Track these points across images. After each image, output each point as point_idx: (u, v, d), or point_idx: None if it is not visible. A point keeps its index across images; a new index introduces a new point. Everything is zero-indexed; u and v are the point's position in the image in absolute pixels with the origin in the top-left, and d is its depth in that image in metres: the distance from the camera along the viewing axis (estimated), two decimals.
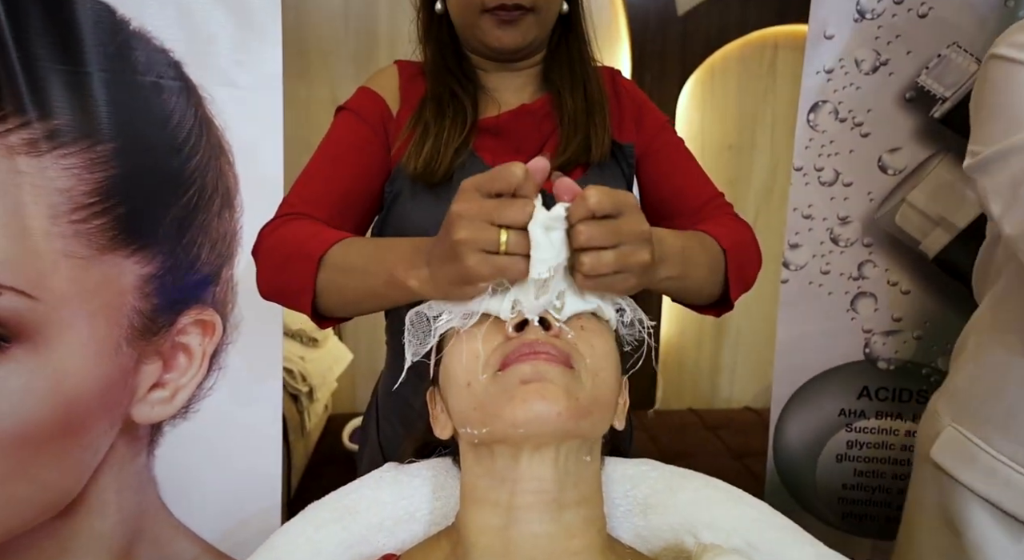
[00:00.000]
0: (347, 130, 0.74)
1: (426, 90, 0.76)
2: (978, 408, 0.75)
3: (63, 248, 0.81)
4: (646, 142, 0.80)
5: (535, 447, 0.50)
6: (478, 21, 0.70)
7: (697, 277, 0.65)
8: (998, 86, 0.64)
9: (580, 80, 0.76)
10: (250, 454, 0.93)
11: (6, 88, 0.77)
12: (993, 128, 0.64)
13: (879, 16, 1.08)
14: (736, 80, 2.39)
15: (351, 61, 2.23)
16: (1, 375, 0.81)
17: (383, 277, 0.57)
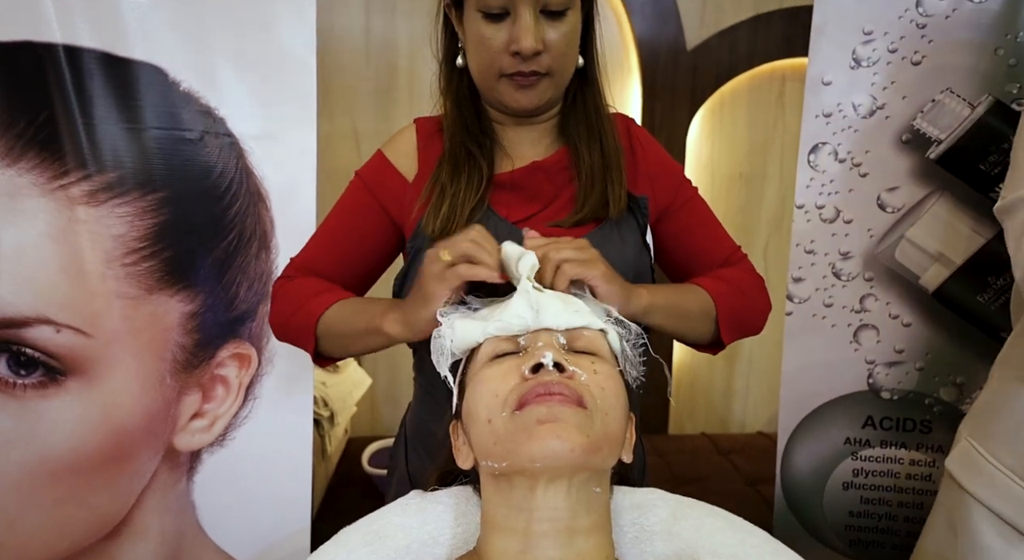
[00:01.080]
0: (355, 202, 0.82)
1: (443, 149, 0.80)
2: (989, 425, 0.79)
3: (116, 289, 0.88)
4: (666, 201, 0.83)
5: (550, 479, 0.55)
6: (496, 84, 0.75)
7: (684, 313, 0.76)
8: None
9: (597, 134, 0.80)
10: (281, 480, 0.98)
11: (69, 145, 0.85)
12: (1015, 175, 0.68)
13: (875, 64, 1.14)
14: (745, 111, 2.45)
15: (372, 95, 2.32)
16: (57, 407, 0.88)
17: (363, 325, 0.72)
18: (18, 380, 0.87)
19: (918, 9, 1.11)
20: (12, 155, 0.85)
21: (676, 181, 0.85)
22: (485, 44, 0.72)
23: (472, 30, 0.73)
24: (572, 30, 0.74)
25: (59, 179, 0.86)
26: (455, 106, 0.81)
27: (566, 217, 0.78)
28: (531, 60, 0.71)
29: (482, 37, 0.72)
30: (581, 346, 0.62)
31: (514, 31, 0.70)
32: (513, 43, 0.70)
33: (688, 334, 0.79)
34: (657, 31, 2.32)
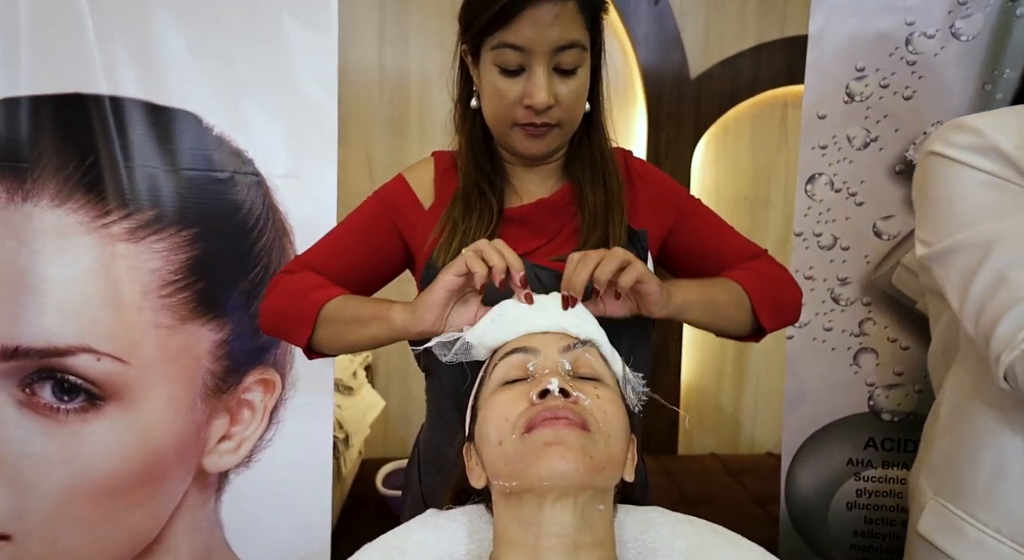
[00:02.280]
0: (370, 216, 0.86)
1: (457, 184, 0.85)
2: (958, 480, 0.75)
3: (152, 319, 0.95)
4: (672, 218, 0.87)
5: (557, 497, 0.60)
6: (509, 132, 0.79)
7: (719, 306, 0.78)
8: (940, 183, 0.70)
9: (600, 174, 0.84)
10: (302, 499, 1.03)
11: (112, 187, 0.92)
12: (941, 224, 0.69)
13: (867, 99, 1.19)
14: (749, 137, 2.52)
15: (385, 125, 2.40)
16: (96, 430, 0.94)
17: (370, 313, 0.75)
18: (61, 405, 0.93)
19: (908, 47, 1.17)
20: (61, 197, 0.91)
21: (678, 197, 0.89)
22: (500, 96, 0.77)
23: (488, 81, 0.78)
24: (581, 85, 0.78)
25: (102, 218, 0.93)
26: (469, 146, 0.85)
27: (569, 251, 0.83)
28: (543, 113, 0.76)
29: (498, 89, 0.76)
30: (585, 372, 0.67)
31: (528, 86, 0.75)
32: (527, 97, 0.75)
33: (725, 326, 0.80)
34: (662, 60, 2.40)
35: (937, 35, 1.15)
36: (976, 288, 0.64)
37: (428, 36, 2.32)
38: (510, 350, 0.68)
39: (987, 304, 0.64)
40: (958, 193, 0.68)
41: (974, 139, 0.67)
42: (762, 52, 2.42)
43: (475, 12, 0.76)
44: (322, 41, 0.97)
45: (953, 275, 0.67)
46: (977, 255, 0.65)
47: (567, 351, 0.67)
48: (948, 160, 0.68)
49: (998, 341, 0.62)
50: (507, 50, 0.74)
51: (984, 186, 0.66)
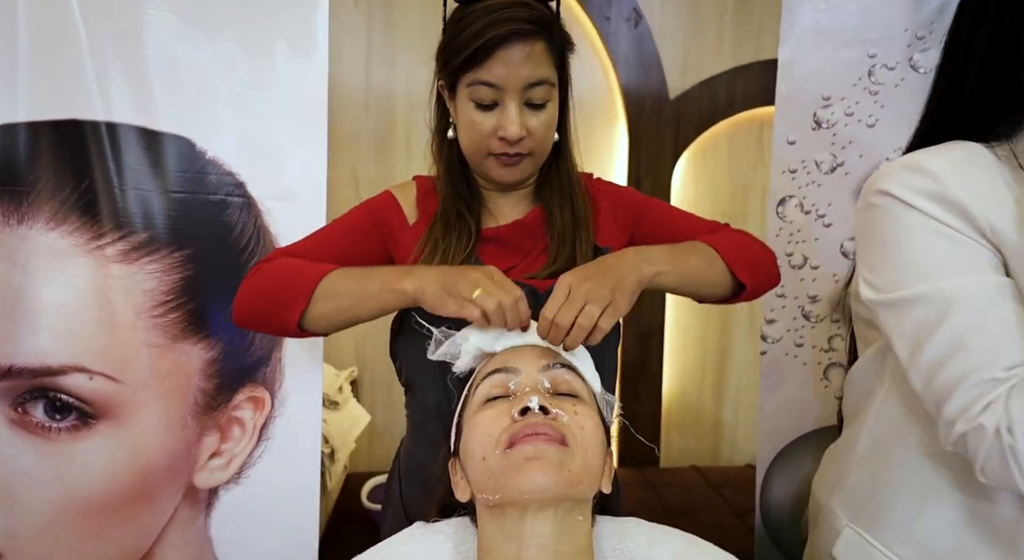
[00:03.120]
0: (358, 222, 0.90)
1: (437, 207, 0.90)
2: (877, 513, 0.75)
3: (145, 338, 0.97)
4: (633, 218, 0.93)
5: (538, 509, 0.63)
6: (484, 161, 0.85)
7: (694, 267, 0.81)
8: (892, 226, 0.66)
9: (568, 198, 0.90)
10: (291, 515, 1.05)
11: (106, 210, 0.95)
12: (893, 271, 0.66)
13: (833, 125, 1.25)
14: (727, 155, 2.59)
15: (371, 144, 2.44)
16: (88, 448, 0.96)
17: (377, 285, 0.77)
18: (53, 424, 0.95)
19: (870, 78, 1.23)
20: (56, 219, 0.94)
21: (633, 199, 0.95)
22: (476, 128, 0.82)
23: (464, 114, 0.83)
24: (550, 118, 0.84)
25: (97, 240, 0.95)
26: (447, 172, 0.91)
27: (540, 269, 0.88)
28: (515, 144, 0.82)
29: (473, 122, 0.82)
30: (564, 389, 0.71)
31: (502, 120, 0.81)
32: (500, 130, 0.81)
33: (703, 289, 0.84)
34: (642, 81, 2.46)
35: (897, 67, 1.21)
36: (931, 348, 0.62)
37: (414, 57, 2.37)
38: (492, 370, 0.71)
39: (941, 369, 0.61)
40: (909, 240, 0.65)
41: (931, 185, 0.63)
42: (738, 74, 2.50)
43: (452, 52, 0.82)
44: (313, 68, 1.01)
45: (905, 328, 0.65)
46: (934, 314, 0.62)
47: (547, 370, 0.71)
48: (903, 204, 0.64)
49: (952, 411, 0.61)
50: (482, 87, 0.80)
51: (940, 237, 0.63)
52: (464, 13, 0.82)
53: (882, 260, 0.67)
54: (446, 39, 0.84)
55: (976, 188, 0.62)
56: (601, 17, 2.36)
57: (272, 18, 0.99)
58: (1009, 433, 0.57)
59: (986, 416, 0.58)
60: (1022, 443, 0.56)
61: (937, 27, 1.19)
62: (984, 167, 0.64)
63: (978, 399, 0.59)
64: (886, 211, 0.66)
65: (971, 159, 0.64)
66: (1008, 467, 0.58)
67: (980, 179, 0.63)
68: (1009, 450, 0.57)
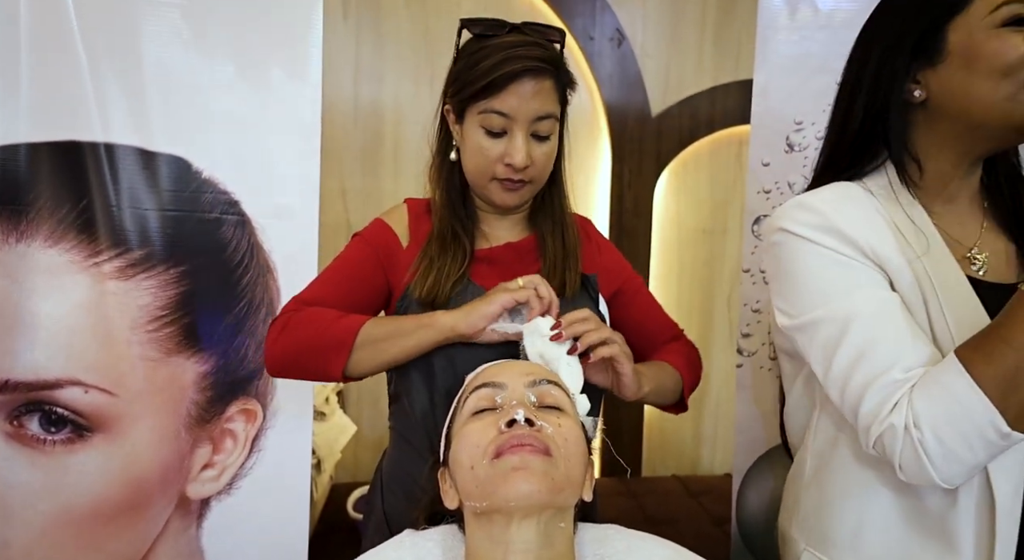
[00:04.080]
0: (357, 256, 0.93)
1: (433, 226, 0.94)
2: (827, 532, 0.79)
3: (140, 352, 0.99)
4: (617, 288, 1.01)
5: (522, 516, 0.67)
6: (488, 184, 0.89)
7: (665, 390, 0.95)
8: (790, 258, 0.74)
9: (560, 227, 0.96)
10: (281, 524, 1.08)
11: (104, 228, 0.98)
12: (798, 297, 0.73)
13: (805, 149, 1.32)
14: (707, 171, 2.65)
15: (359, 156, 2.47)
16: (83, 460, 0.98)
17: (412, 324, 0.85)
18: (48, 437, 0.97)
19: None
20: (54, 237, 0.97)
21: (625, 272, 1.02)
22: (483, 154, 0.87)
23: (472, 139, 0.88)
24: (552, 149, 0.90)
25: (94, 257, 0.98)
26: (446, 193, 0.94)
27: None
28: (519, 171, 0.87)
29: (481, 147, 0.87)
30: (549, 403, 0.75)
31: (509, 148, 0.86)
32: (507, 157, 0.86)
33: (664, 402, 0.98)
34: (625, 99, 2.53)
35: None
36: (839, 362, 0.69)
37: (402, 72, 2.41)
38: (480, 384, 0.75)
39: (850, 379, 0.68)
40: (809, 269, 0.73)
41: (817, 219, 0.72)
42: (718, 93, 2.57)
43: (466, 81, 0.86)
44: (306, 91, 1.05)
45: (815, 348, 0.71)
46: (836, 330, 0.69)
47: (533, 385, 0.75)
48: (797, 237, 0.73)
49: (866, 415, 0.67)
50: (493, 115, 0.85)
51: (831, 263, 0.71)
52: (479, 46, 0.87)
53: (788, 288, 0.75)
54: (460, 68, 0.88)
55: (854, 218, 0.72)
56: (586, 37, 2.42)
57: (267, 43, 1.03)
58: (916, 428, 0.63)
59: (895, 416, 0.64)
60: (928, 435, 0.62)
61: None
62: (857, 200, 0.73)
63: (885, 401, 0.65)
64: (785, 246, 0.75)
65: (846, 195, 0.74)
66: (921, 461, 0.63)
67: (856, 210, 0.73)
68: (919, 444, 0.63)
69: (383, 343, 0.85)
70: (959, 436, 0.62)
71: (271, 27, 1.02)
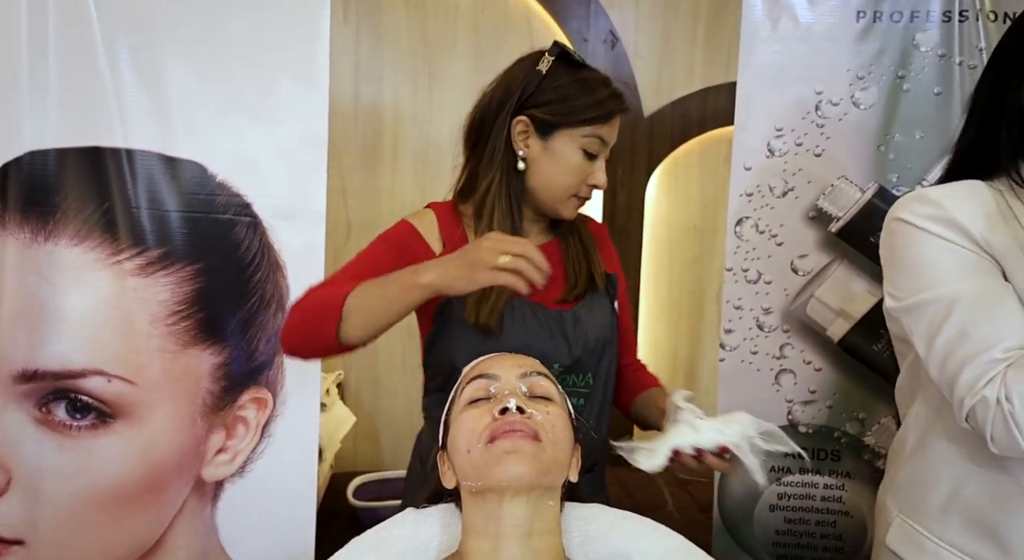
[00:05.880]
0: (379, 254, 0.96)
1: (459, 229, 0.98)
2: (919, 502, 0.84)
3: (159, 345, 1.06)
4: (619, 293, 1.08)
5: (514, 495, 0.74)
6: (568, 199, 0.97)
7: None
8: (906, 246, 0.78)
9: (574, 229, 1.04)
10: (290, 505, 1.15)
11: (125, 228, 1.04)
12: (909, 282, 0.78)
13: (785, 154, 1.39)
14: (697, 171, 2.72)
15: (359, 154, 2.53)
16: (105, 445, 1.05)
17: (396, 288, 0.83)
18: (74, 423, 1.03)
19: (817, 112, 1.37)
20: (80, 236, 1.03)
21: (623, 284, 1.10)
22: (579, 172, 0.95)
23: (567, 158, 0.94)
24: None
25: (116, 255, 1.05)
26: (508, 199, 0.97)
27: (563, 293, 0.99)
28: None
29: (579, 167, 0.94)
30: (539, 393, 0.82)
31: (598, 170, 0.97)
32: (593, 178, 0.97)
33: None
34: None
35: (841, 103, 1.35)
36: (941, 341, 0.73)
37: (401, 73, 2.47)
38: (475, 376, 0.82)
39: (951, 355, 0.72)
40: (922, 256, 0.77)
41: (935, 210, 0.76)
42: (709, 94, 2.64)
43: (579, 105, 0.93)
44: (314, 101, 1.11)
45: (920, 327, 0.76)
46: (942, 312, 0.73)
47: (524, 377, 0.82)
48: (913, 227, 0.77)
49: (961, 388, 0.70)
50: (597, 141, 0.95)
51: (944, 251, 0.75)
52: (581, 76, 0.95)
53: (899, 273, 0.80)
54: (567, 92, 0.93)
55: (969, 211, 0.75)
56: (579, 39, 2.48)
57: (278, 55, 1.09)
58: (1008, 401, 0.67)
59: (988, 389, 0.68)
60: (1019, 408, 0.66)
61: (875, 68, 1.33)
62: (977, 196, 0.77)
63: (982, 376, 0.69)
64: (900, 234, 0.80)
65: (966, 190, 0.78)
66: (1011, 432, 0.67)
67: (974, 205, 0.76)
68: (1009, 416, 0.67)
69: (372, 308, 0.84)
70: None
71: (282, 43, 1.09)
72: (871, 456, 1.40)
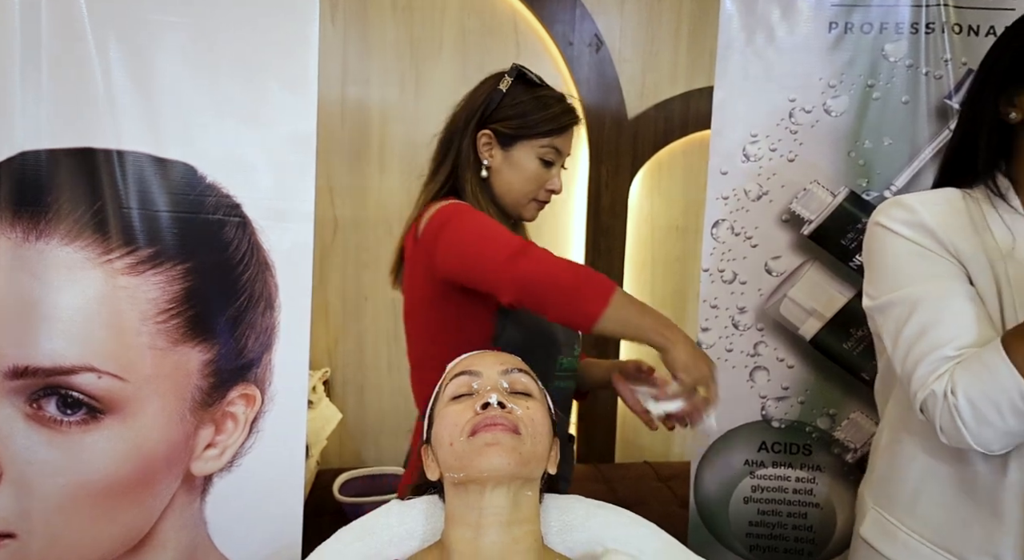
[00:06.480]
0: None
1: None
2: (891, 494, 0.89)
3: (149, 342, 1.08)
4: None
5: (494, 485, 0.78)
6: (527, 203, 1.11)
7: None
8: (880, 248, 0.84)
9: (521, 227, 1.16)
10: (278, 499, 1.17)
11: (116, 228, 1.06)
12: (881, 282, 0.84)
13: (759, 159, 1.43)
14: (680, 172, 2.77)
15: (346, 155, 2.56)
16: (96, 440, 1.06)
17: (650, 322, 0.93)
18: (64, 418, 1.05)
19: (791, 119, 1.42)
20: (71, 236, 1.05)
21: None
22: (537, 179, 1.10)
23: (526, 166, 1.09)
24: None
25: (107, 255, 1.06)
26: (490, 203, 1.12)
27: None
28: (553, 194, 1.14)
29: (537, 174, 1.10)
30: (519, 389, 0.86)
31: (555, 176, 1.12)
32: (550, 183, 1.12)
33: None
34: (602, 102, 2.63)
35: (813, 111, 1.40)
36: (903, 338, 0.78)
37: (388, 76, 2.50)
38: (459, 372, 0.86)
39: (910, 351, 0.77)
40: (893, 258, 0.83)
41: (909, 215, 0.81)
42: (691, 97, 2.69)
43: (537, 119, 1.07)
44: (303, 104, 1.14)
45: (888, 325, 0.82)
46: (906, 311, 0.78)
47: (506, 374, 0.86)
48: (888, 231, 0.83)
49: (915, 382, 0.76)
50: (553, 151, 1.08)
51: (913, 254, 0.80)
52: (538, 93, 1.09)
53: (874, 274, 0.85)
54: (526, 108, 1.08)
55: (942, 218, 0.80)
56: (565, 42, 2.52)
57: (267, 59, 1.11)
58: (953, 395, 0.72)
59: (937, 384, 0.73)
60: (963, 402, 0.71)
61: (846, 77, 1.38)
62: (951, 203, 0.83)
63: (933, 372, 0.74)
64: (877, 237, 0.85)
65: (942, 198, 0.84)
66: (956, 424, 0.72)
67: (947, 212, 0.81)
68: (954, 408, 0.72)
69: (630, 317, 0.92)
70: (989, 403, 0.69)
71: (271, 47, 1.11)
72: (840, 450, 1.45)
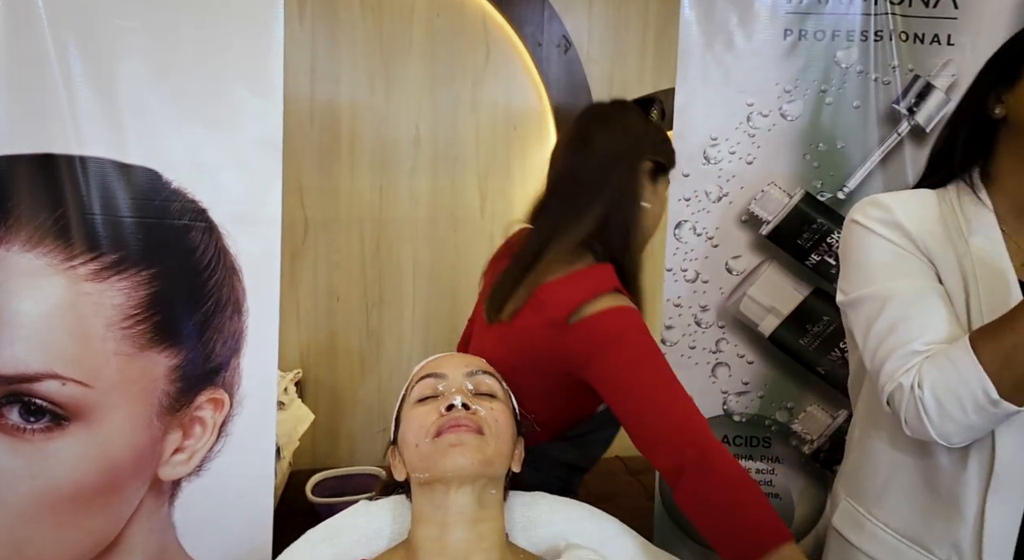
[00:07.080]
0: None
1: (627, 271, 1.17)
2: (861, 485, 0.91)
3: (114, 348, 1.08)
4: None
5: (459, 484, 0.80)
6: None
7: None
8: (855, 245, 0.85)
9: None
10: (247, 503, 1.18)
11: (79, 234, 1.06)
12: (853, 278, 0.84)
13: (719, 162, 1.48)
14: None
15: (316, 155, 2.54)
16: (61, 447, 1.06)
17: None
18: (28, 426, 1.05)
19: (749, 123, 1.46)
20: (32, 242, 1.04)
21: None
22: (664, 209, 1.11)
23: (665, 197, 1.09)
24: None
25: (70, 261, 1.06)
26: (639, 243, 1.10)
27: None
28: None
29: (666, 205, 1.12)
30: (483, 390, 0.88)
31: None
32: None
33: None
34: (571, 102, 2.66)
35: (770, 115, 1.45)
36: (873, 333, 0.79)
37: (358, 75, 2.49)
38: (424, 375, 0.88)
39: (880, 346, 0.78)
40: (866, 255, 0.84)
41: (883, 214, 0.82)
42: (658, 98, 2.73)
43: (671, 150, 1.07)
44: (269, 108, 1.14)
45: (859, 320, 0.83)
46: (877, 307, 0.79)
47: (471, 376, 0.88)
48: (863, 228, 0.84)
49: (883, 376, 0.77)
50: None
51: (885, 251, 0.81)
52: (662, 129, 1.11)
53: (847, 270, 0.86)
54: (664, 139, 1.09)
55: (914, 216, 0.82)
56: (534, 43, 2.54)
57: (231, 61, 1.12)
58: (919, 388, 0.74)
59: (904, 377, 0.75)
60: (928, 395, 0.73)
61: (801, 83, 1.43)
62: (924, 202, 0.85)
63: (901, 366, 0.76)
64: (852, 235, 0.87)
65: (915, 197, 0.85)
66: (920, 416, 0.74)
67: (919, 210, 0.82)
68: (919, 401, 0.74)
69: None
70: (954, 398, 0.71)
71: (235, 49, 1.11)
72: (798, 442, 1.50)
